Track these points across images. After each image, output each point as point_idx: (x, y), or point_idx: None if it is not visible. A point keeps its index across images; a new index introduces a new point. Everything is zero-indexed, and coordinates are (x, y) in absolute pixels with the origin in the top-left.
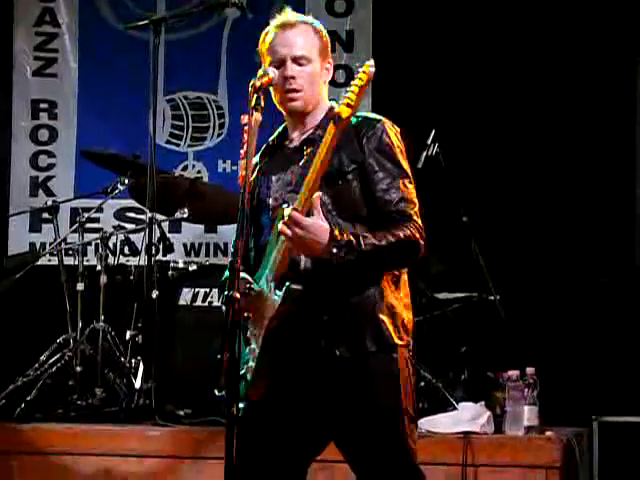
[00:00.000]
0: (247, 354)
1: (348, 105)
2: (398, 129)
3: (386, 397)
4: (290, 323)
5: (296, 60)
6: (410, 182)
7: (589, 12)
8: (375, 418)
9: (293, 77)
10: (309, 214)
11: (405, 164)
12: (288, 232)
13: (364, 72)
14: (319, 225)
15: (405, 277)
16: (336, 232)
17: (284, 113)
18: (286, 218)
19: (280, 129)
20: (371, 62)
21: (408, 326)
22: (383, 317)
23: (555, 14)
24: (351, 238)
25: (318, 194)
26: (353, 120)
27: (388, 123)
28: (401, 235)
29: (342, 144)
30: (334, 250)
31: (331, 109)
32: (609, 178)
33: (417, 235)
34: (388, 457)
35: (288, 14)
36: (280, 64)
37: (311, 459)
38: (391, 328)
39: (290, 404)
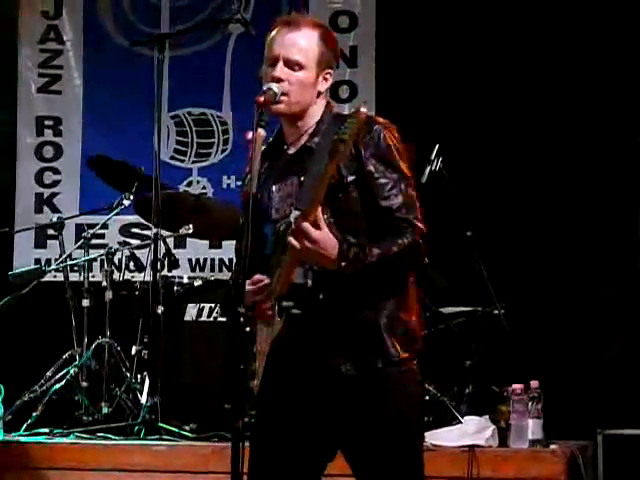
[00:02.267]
0: (253, 370)
1: (342, 141)
2: (395, 127)
3: (395, 412)
4: (296, 342)
5: (288, 63)
6: (409, 185)
7: (589, 29)
8: (383, 434)
9: (280, 79)
10: (315, 226)
11: (404, 166)
12: (297, 245)
13: (357, 114)
14: (328, 238)
15: (412, 280)
16: (344, 246)
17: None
18: (296, 229)
19: (276, 131)
20: (363, 105)
21: (417, 333)
22: (389, 331)
23: (555, 33)
24: (358, 251)
25: (320, 207)
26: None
27: (384, 123)
28: (405, 242)
29: None
30: (342, 263)
31: (334, 115)
32: (613, 192)
33: (420, 240)
34: (397, 471)
35: (300, 14)
36: (273, 63)
37: (322, 470)
38: (397, 342)
39: (298, 418)
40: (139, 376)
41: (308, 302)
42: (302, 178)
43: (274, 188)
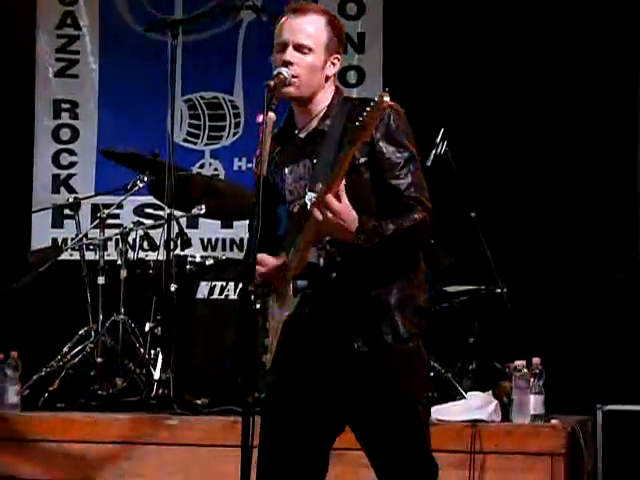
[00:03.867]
0: (266, 345)
1: (362, 128)
2: (403, 110)
3: (403, 387)
4: (310, 320)
5: (298, 47)
6: (418, 165)
7: (593, 20)
8: (393, 408)
9: (290, 63)
10: (337, 198)
11: (412, 147)
12: (319, 215)
13: (379, 102)
14: (349, 211)
15: (420, 258)
16: (363, 218)
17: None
18: (319, 201)
19: (287, 115)
20: (385, 94)
21: (425, 310)
22: (399, 309)
23: (560, 20)
24: (376, 224)
25: (344, 181)
26: (359, 107)
27: (394, 106)
28: (416, 219)
29: None
30: (361, 236)
31: (344, 99)
32: (612, 175)
33: (428, 219)
34: (405, 446)
35: (308, 1)
36: (282, 48)
37: (331, 444)
38: (407, 318)
39: (309, 392)
40: (152, 352)
41: (321, 281)
42: (315, 160)
43: (286, 170)
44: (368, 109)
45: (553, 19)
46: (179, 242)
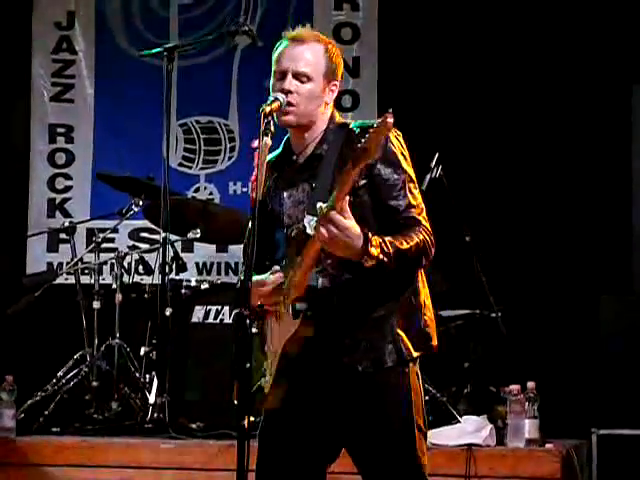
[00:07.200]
0: (264, 368)
1: (364, 150)
2: (400, 133)
3: (400, 411)
4: (312, 342)
5: (297, 76)
6: (415, 187)
7: (587, 39)
8: (389, 432)
9: (290, 91)
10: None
11: (409, 169)
12: (324, 232)
13: (383, 122)
14: (355, 228)
15: (421, 279)
16: (369, 235)
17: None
18: (324, 218)
19: (284, 142)
20: (389, 115)
21: (427, 329)
22: (401, 330)
23: (553, 41)
24: (380, 241)
25: (347, 198)
26: (357, 131)
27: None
28: (416, 239)
29: None
30: (367, 253)
31: (341, 123)
32: (605, 198)
33: (428, 239)
34: (401, 470)
35: (305, 29)
36: (282, 76)
37: (327, 467)
38: (408, 341)
39: (307, 416)
40: (148, 376)
41: (321, 304)
42: (313, 184)
43: (285, 195)
44: (371, 130)
45: (545, 43)
46: (174, 266)
